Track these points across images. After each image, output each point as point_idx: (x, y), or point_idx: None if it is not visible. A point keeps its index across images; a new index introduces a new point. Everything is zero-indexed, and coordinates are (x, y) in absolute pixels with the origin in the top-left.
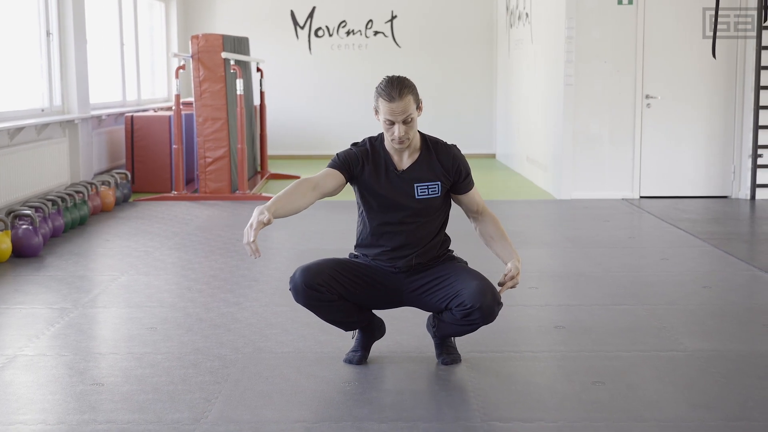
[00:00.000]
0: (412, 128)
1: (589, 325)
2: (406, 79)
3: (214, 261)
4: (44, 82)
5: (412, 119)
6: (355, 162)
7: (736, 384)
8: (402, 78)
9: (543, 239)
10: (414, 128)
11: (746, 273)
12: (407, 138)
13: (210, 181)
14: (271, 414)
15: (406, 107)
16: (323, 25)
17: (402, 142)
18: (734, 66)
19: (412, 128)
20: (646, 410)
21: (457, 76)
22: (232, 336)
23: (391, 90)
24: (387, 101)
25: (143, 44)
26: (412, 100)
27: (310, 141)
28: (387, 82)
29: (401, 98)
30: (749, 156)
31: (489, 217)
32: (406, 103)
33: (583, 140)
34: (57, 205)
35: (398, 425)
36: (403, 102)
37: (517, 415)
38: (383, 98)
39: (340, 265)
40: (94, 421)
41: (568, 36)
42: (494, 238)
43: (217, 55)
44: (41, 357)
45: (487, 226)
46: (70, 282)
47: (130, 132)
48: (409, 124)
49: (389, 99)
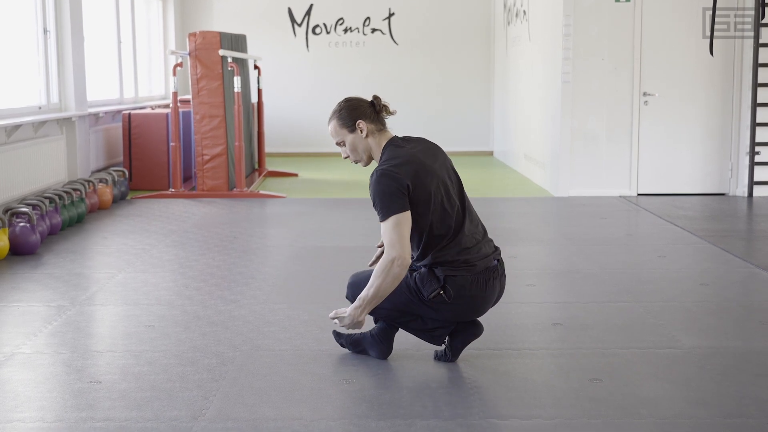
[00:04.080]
0: (354, 150)
1: (586, 322)
2: (341, 103)
3: (211, 258)
4: (41, 79)
5: (344, 142)
6: None
7: (733, 381)
8: (340, 102)
9: (540, 236)
10: (356, 149)
11: (743, 270)
12: (353, 159)
13: (207, 179)
14: (268, 411)
15: (335, 131)
16: (321, 22)
17: (354, 161)
18: (732, 63)
19: (353, 150)
20: (643, 407)
21: (454, 73)
22: (230, 333)
23: (333, 112)
24: (329, 123)
25: (140, 41)
26: (338, 125)
27: (307, 138)
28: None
29: (329, 123)
30: (746, 153)
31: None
32: (333, 128)
33: (580, 138)
34: (54, 203)
35: (396, 423)
36: (330, 126)
37: (514, 412)
38: (330, 120)
39: None
40: (92, 418)
41: (566, 33)
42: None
43: (215, 53)
44: (39, 355)
45: (377, 266)
46: (68, 280)
47: (127, 129)
48: (346, 146)
49: (330, 120)
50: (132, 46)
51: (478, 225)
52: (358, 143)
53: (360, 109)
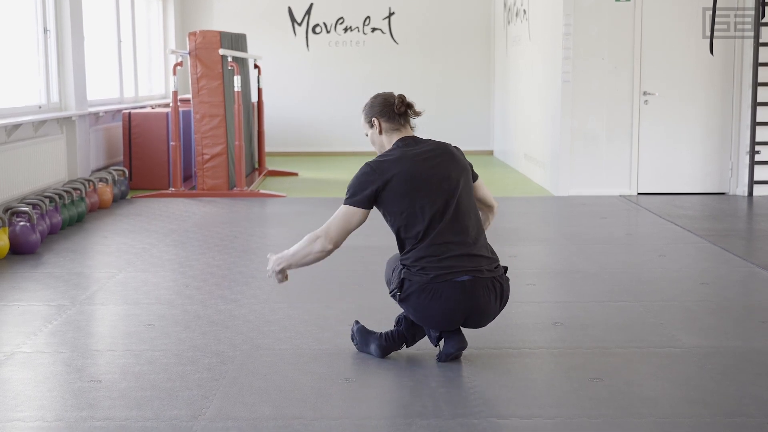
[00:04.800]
0: (372, 143)
1: (586, 321)
2: (370, 98)
3: (211, 258)
4: (42, 79)
5: (366, 134)
6: None
7: (733, 380)
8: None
9: (540, 236)
10: (373, 143)
11: (744, 270)
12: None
13: (207, 178)
14: (268, 411)
15: (362, 125)
16: (321, 21)
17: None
18: (732, 63)
19: (372, 143)
20: (644, 406)
21: (454, 72)
22: (230, 333)
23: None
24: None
25: (141, 41)
26: (363, 120)
27: (307, 138)
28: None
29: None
30: (747, 152)
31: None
32: (361, 121)
33: (580, 137)
34: (54, 202)
35: (396, 422)
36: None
37: (514, 412)
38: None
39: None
40: (92, 418)
41: (566, 33)
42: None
43: (215, 52)
44: (39, 354)
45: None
46: (68, 279)
47: (127, 129)
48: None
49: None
50: (132, 45)
51: (466, 235)
52: (374, 138)
53: (378, 107)
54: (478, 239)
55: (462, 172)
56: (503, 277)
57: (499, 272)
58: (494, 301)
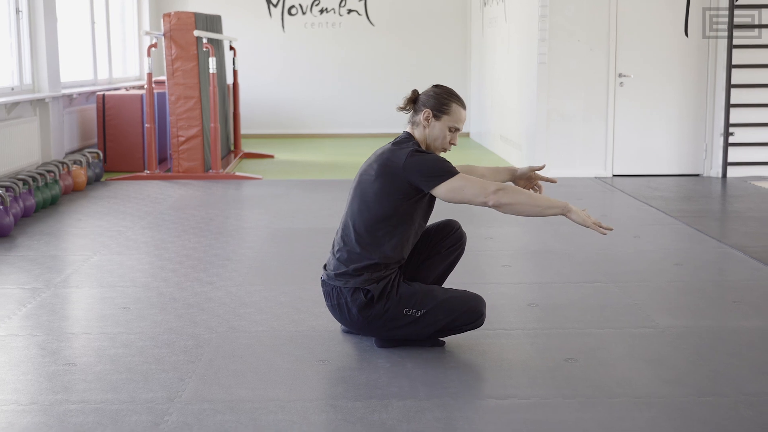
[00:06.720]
0: (425, 133)
1: (561, 302)
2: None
3: (187, 240)
4: (14, 60)
5: (426, 119)
6: None
7: (707, 360)
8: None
9: (515, 217)
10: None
11: (717, 250)
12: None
13: (183, 161)
14: (245, 393)
15: None
16: (296, 3)
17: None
18: (706, 45)
19: (424, 129)
20: (618, 386)
21: (430, 54)
22: (206, 315)
23: (460, 98)
24: (463, 108)
25: (114, 22)
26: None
27: (283, 119)
28: (452, 91)
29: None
30: (721, 134)
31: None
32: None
33: (556, 119)
34: (28, 185)
35: (372, 403)
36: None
37: (490, 392)
38: (460, 105)
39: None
40: (67, 401)
41: (542, 14)
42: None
43: (190, 34)
44: (13, 337)
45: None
46: (42, 262)
47: (101, 111)
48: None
49: (464, 106)
50: (106, 26)
51: (338, 233)
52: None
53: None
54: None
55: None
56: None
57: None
58: (332, 309)
